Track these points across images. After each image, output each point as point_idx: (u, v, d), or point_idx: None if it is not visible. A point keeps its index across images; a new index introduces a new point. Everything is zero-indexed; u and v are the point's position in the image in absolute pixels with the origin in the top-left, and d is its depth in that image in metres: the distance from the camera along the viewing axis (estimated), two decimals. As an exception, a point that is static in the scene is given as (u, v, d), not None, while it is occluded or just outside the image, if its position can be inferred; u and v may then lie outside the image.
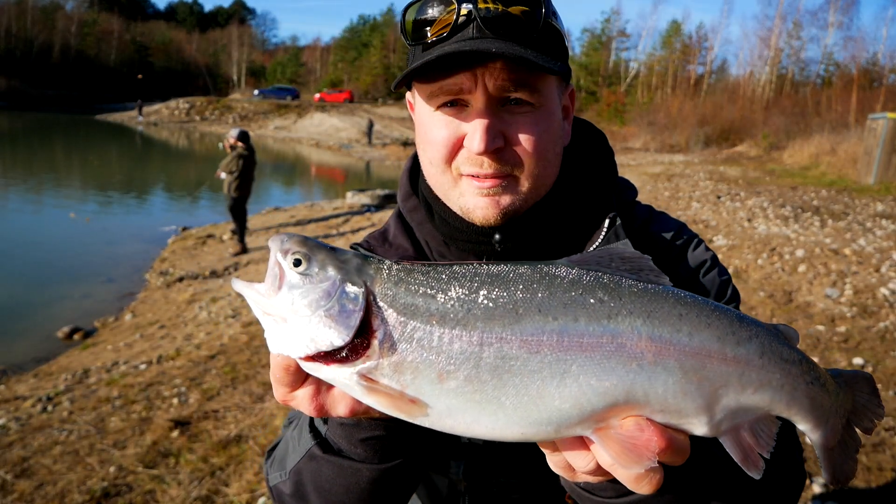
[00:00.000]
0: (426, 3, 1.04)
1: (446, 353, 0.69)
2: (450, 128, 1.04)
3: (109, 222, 14.91)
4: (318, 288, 0.73)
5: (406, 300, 0.71)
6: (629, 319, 0.70)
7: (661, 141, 41.35)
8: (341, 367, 0.71)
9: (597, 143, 1.27)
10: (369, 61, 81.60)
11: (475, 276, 0.72)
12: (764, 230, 10.95)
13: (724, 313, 0.74)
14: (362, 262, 0.75)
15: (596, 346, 0.69)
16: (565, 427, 0.70)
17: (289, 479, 1.08)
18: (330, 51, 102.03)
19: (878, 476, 3.87)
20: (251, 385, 5.33)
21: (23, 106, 61.72)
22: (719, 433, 0.73)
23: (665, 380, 0.69)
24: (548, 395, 0.68)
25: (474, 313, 0.70)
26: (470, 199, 1.07)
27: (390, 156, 36.46)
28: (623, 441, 0.68)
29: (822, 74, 57.07)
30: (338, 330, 0.70)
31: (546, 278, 0.72)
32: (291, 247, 0.75)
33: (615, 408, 0.69)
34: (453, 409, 0.70)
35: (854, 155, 21.30)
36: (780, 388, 0.75)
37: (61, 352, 7.21)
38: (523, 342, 0.69)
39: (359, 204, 15.71)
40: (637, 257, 0.77)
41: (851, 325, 6.40)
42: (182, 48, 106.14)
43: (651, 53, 73.62)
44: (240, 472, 3.98)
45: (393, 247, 1.23)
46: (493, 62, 0.98)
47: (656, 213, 1.27)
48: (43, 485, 3.87)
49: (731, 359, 0.72)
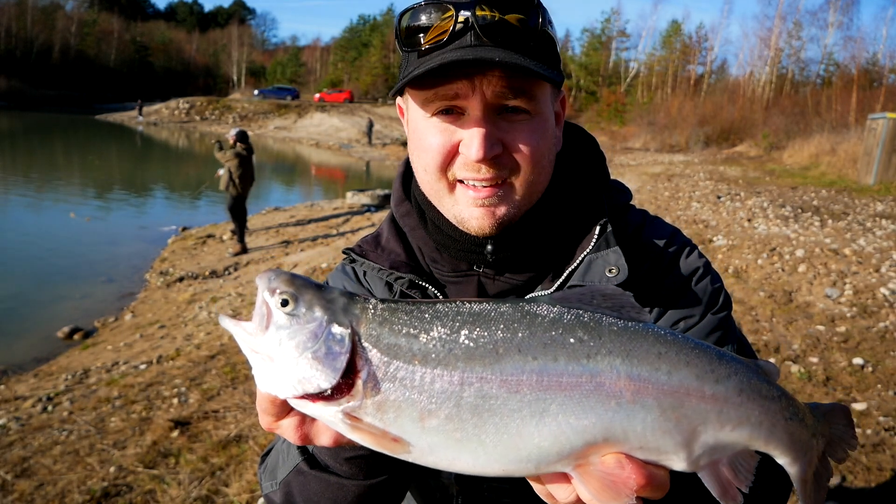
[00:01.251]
0: (423, 10, 1.03)
1: (428, 393, 0.70)
2: (445, 135, 1.04)
3: (109, 222, 14.91)
4: (304, 329, 0.74)
5: (389, 340, 0.73)
6: (608, 359, 0.71)
7: (661, 141, 41.35)
8: (326, 405, 0.73)
9: (588, 148, 1.26)
10: (369, 61, 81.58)
11: (457, 314, 0.73)
12: (764, 230, 10.95)
13: (704, 351, 0.75)
14: (348, 301, 0.76)
15: (575, 386, 0.70)
16: (545, 464, 0.71)
17: (279, 490, 1.10)
18: (330, 51, 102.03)
19: (878, 476, 3.87)
20: (251, 385, 5.33)
21: (23, 106, 61.73)
22: (698, 468, 0.75)
23: (644, 418, 0.70)
24: (527, 434, 0.70)
25: (455, 353, 0.71)
26: (465, 209, 1.07)
27: (390, 156, 36.46)
28: (602, 478, 0.70)
29: (822, 74, 57.12)
30: (324, 373, 0.71)
31: (527, 317, 0.73)
32: (279, 286, 0.75)
33: (594, 445, 0.70)
34: (435, 447, 0.72)
35: (854, 155, 21.30)
36: (758, 425, 0.76)
37: (61, 352, 7.21)
38: (503, 382, 0.70)
39: (359, 204, 15.71)
40: (618, 294, 0.77)
41: (851, 325, 6.40)
42: (182, 48, 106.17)
43: (651, 53, 73.71)
44: (240, 472, 3.98)
45: (385, 251, 1.23)
46: (491, 70, 0.99)
47: (650, 219, 1.26)
48: (43, 485, 3.88)
49: (709, 397, 0.73)
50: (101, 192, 19.44)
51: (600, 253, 1.10)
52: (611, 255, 1.09)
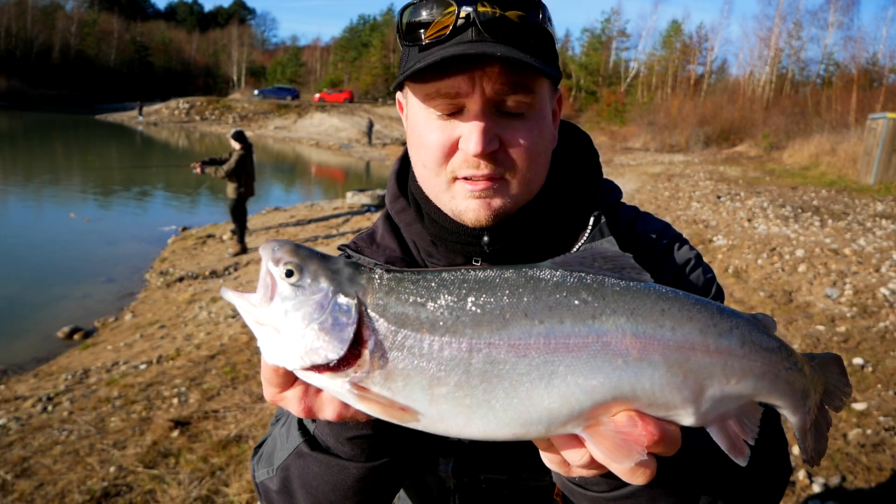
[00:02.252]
0: (424, 5, 1.04)
1: (437, 361, 0.71)
2: (445, 131, 1.05)
3: (109, 222, 14.91)
4: (310, 300, 0.73)
5: (396, 309, 0.73)
6: (613, 318, 0.72)
7: (661, 141, 41.33)
8: (333, 375, 0.72)
9: (582, 146, 1.28)
10: (369, 61, 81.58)
11: (463, 282, 0.74)
12: (764, 230, 10.95)
13: (705, 306, 0.76)
14: (353, 271, 0.76)
15: (582, 347, 0.71)
16: (556, 426, 0.72)
17: (276, 476, 1.09)
18: (330, 51, 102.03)
19: (878, 476, 3.87)
20: (251, 385, 5.33)
21: (23, 106, 61.73)
22: (706, 423, 0.76)
23: (651, 374, 0.71)
24: (537, 397, 0.70)
25: (463, 320, 0.71)
26: (462, 202, 1.08)
27: (390, 156, 36.46)
28: (614, 437, 0.71)
29: (822, 74, 57.10)
30: (332, 344, 0.71)
31: (531, 282, 0.74)
32: (283, 256, 0.75)
33: (604, 405, 0.71)
34: (445, 414, 0.72)
35: (854, 155, 21.29)
36: (762, 376, 0.78)
37: (61, 352, 7.21)
38: (511, 346, 0.70)
39: (359, 204, 15.71)
40: (618, 256, 0.78)
41: (851, 325, 6.40)
42: (182, 48, 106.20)
43: (651, 53, 73.69)
44: (240, 472, 3.98)
45: (380, 248, 1.24)
46: (491, 66, 0.99)
47: (641, 214, 1.29)
48: (43, 485, 3.88)
49: (713, 350, 0.74)
50: (100, 192, 19.45)
51: (595, 243, 1.12)
52: (605, 245, 1.11)
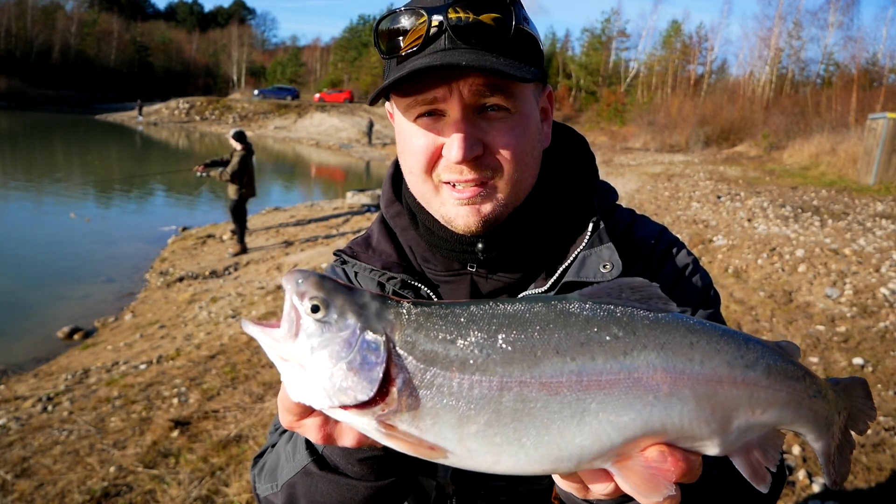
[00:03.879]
0: (398, 16, 1.04)
1: (466, 399, 0.70)
2: (428, 138, 1.05)
3: (109, 222, 14.91)
4: (337, 337, 0.72)
5: (426, 347, 0.71)
6: (644, 353, 0.72)
7: (661, 141, 41.33)
8: (360, 413, 0.71)
9: (577, 148, 1.27)
10: (369, 61, 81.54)
11: (493, 317, 0.73)
12: (764, 230, 10.95)
13: (732, 337, 0.77)
14: (381, 305, 0.74)
15: (614, 384, 0.70)
16: (586, 462, 0.72)
17: (281, 492, 1.08)
18: (330, 51, 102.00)
19: (878, 476, 3.87)
20: (251, 385, 5.33)
21: (23, 106, 61.72)
22: (731, 452, 0.76)
23: (681, 409, 0.71)
24: (568, 434, 0.70)
25: (493, 358, 0.70)
26: (451, 209, 1.08)
27: (390, 156, 36.46)
28: (643, 472, 0.71)
29: (822, 74, 57.08)
30: (361, 384, 0.70)
31: (561, 317, 0.73)
32: (308, 290, 0.73)
33: (634, 440, 0.71)
34: (474, 452, 0.71)
35: (854, 155, 21.29)
36: (786, 405, 0.78)
37: (61, 352, 7.21)
38: (543, 385, 0.70)
39: (359, 204, 15.71)
40: (645, 286, 0.77)
41: (851, 325, 6.40)
42: (182, 48, 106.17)
43: (651, 53, 73.67)
44: (240, 472, 3.98)
45: (377, 252, 1.23)
46: (467, 73, 0.99)
47: (638, 217, 1.28)
48: (43, 485, 3.88)
49: (741, 382, 0.74)
50: (101, 193, 19.44)
51: (594, 249, 1.11)
52: (604, 251, 1.10)
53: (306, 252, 11.29)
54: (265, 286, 9.00)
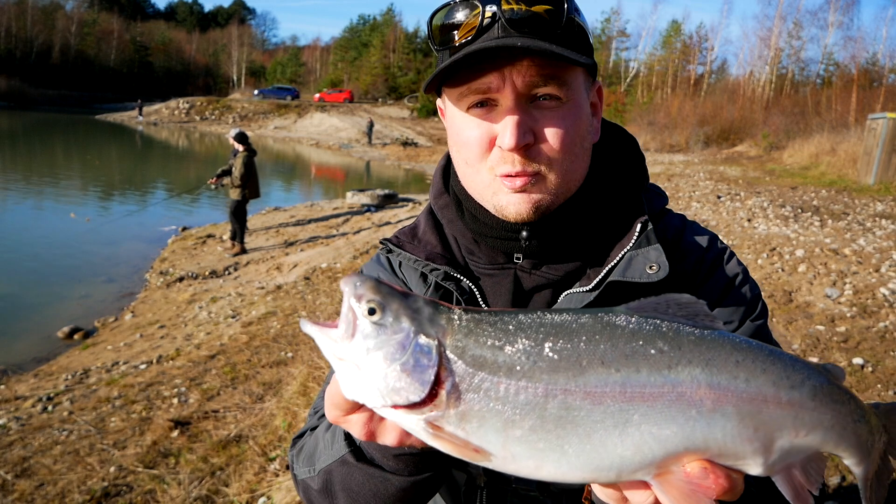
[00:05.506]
0: (452, 8, 1.06)
1: (512, 404, 0.72)
2: (482, 128, 1.07)
3: (109, 222, 14.91)
4: (392, 339, 0.74)
5: (475, 352, 0.74)
6: (689, 369, 0.73)
7: (661, 141, 41.33)
8: (409, 413, 0.74)
9: (628, 147, 1.27)
10: (369, 61, 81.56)
11: (540, 326, 0.75)
12: (764, 230, 10.96)
13: (778, 358, 0.77)
14: (433, 311, 0.77)
15: (657, 396, 0.72)
16: (626, 473, 0.73)
17: (318, 477, 1.11)
18: (330, 51, 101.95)
19: (878, 476, 3.86)
20: (251, 385, 5.33)
21: (23, 106, 61.76)
22: (773, 472, 0.77)
23: (724, 426, 0.72)
24: (610, 444, 0.71)
25: (540, 365, 0.72)
26: (503, 197, 1.09)
27: (390, 156, 36.45)
28: (683, 487, 0.71)
29: (822, 74, 57.04)
30: (413, 385, 0.72)
31: (608, 328, 0.74)
32: (365, 293, 0.76)
33: (675, 455, 0.72)
34: (517, 456, 0.73)
35: (854, 155, 21.29)
36: (830, 429, 0.78)
37: (61, 352, 7.21)
38: (587, 394, 0.71)
39: (359, 204, 15.71)
40: (693, 303, 0.78)
41: (851, 325, 6.40)
42: (182, 48, 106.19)
43: (651, 53, 73.67)
44: (240, 472, 3.98)
45: (422, 243, 1.25)
46: (520, 60, 1.01)
47: (689, 223, 1.27)
48: (43, 485, 3.88)
49: (785, 403, 0.75)
50: (101, 192, 19.44)
51: (641, 250, 1.10)
52: (651, 253, 1.09)
53: (306, 252, 11.29)
54: (265, 286, 9.01)
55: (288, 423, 4.49)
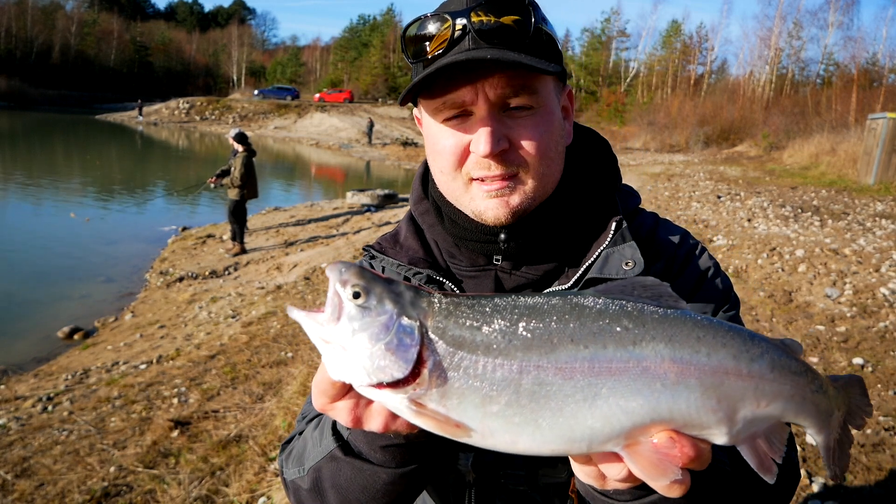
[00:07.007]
0: (424, 22, 1.11)
1: (489, 381, 0.76)
2: (456, 137, 1.11)
3: (109, 222, 14.91)
4: (376, 321, 0.78)
5: (454, 332, 0.78)
6: (652, 344, 0.77)
7: (661, 141, 41.36)
8: (394, 392, 0.78)
9: (600, 149, 1.32)
10: (369, 61, 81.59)
11: (514, 308, 0.79)
12: (764, 230, 10.96)
13: (738, 333, 0.81)
14: (415, 295, 0.81)
15: (623, 371, 0.76)
16: (597, 444, 0.77)
17: (307, 476, 1.14)
18: (330, 51, 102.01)
19: (878, 475, 3.87)
20: (251, 385, 5.33)
21: (23, 106, 61.78)
22: (738, 442, 0.81)
23: (688, 397, 0.76)
24: (581, 416, 0.76)
25: (514, 344, 0.77)
26: (481, 202, 1.13)
27: (390, 155, 36.45)
28: (651, 456, 0.76)
29: (822, 74, 57.10)
30: (397, 363, 0.76)
31: (576, 309, 0.79)
32: (350, 278, 0.80)
33: (643, 425, 0.76)
34: (495, 431, 0.77)
35: (854, 155, 21.30)
36: (790, 399, 0.83)
37: (61, 352, 7.21)
38: (558, 369, 0.76)
39: (359, 204, 15.71)
40: (657, 285, 0.83)
41: (851, 325, 6.40)
42: (182, 48, 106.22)
43: (651, 53, 73.74)
44: (240, 472, 3.98)
45: (404, 248, 1.30)
46: (491, 72, 1.04)
47: (661, 220, 1.33)
48: (43, 485, 3.88)
49: (746, 375, 0.79)
50: (100, 192, 19.45)
51: (616, 247, 1.14)
52: (627, 250, 1.14)
53: (306, 252, 11.29)
54: (265, 286, 9.01)
55: (288, 423, 4.49)
